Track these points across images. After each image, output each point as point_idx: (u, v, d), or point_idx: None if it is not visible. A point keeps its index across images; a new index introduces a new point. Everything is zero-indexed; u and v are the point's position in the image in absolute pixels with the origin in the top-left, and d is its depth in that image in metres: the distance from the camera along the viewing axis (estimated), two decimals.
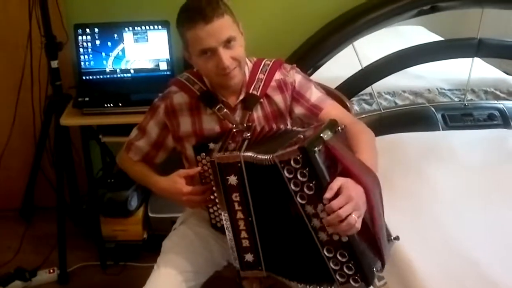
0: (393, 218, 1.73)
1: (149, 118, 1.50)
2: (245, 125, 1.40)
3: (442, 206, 1.79)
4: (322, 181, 1.11)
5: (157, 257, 1.48)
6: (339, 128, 1.23)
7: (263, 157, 1.18)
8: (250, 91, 1.42)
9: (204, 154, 1.32)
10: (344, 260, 1.16)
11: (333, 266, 1.18)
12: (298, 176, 1.13)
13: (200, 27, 1.27)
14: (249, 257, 1.32)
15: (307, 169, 1.12)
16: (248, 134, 1.31)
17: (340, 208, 1.08)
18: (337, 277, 1.18)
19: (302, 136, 1.21)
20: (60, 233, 2.24)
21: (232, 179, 1.24)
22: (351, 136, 1.34)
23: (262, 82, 1.43)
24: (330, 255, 1.17)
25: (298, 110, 1.46)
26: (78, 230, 2.52)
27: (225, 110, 1.42)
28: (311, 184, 1.12)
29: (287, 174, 1.14)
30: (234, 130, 1.36)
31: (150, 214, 2.37)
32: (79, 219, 2.55)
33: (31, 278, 2.20)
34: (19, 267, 2.21)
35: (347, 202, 1.09)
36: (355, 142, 1.32)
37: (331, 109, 1.45)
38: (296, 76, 1.48)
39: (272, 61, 1.48)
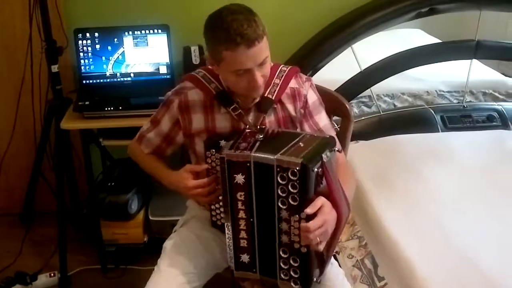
0: (392, 219, 1.75)
1: (163, 111, 1.50)
2: (258, 127, 1.41)
3: (441, 207, 1.80)
4: (307, 196, 1.19)
5: (158, 260, 1.48)
6: (335, 149, 1.29)
7: (267, 156, 1.21)
8: (266, 94, 1.43)
9: (214, 150, 1.34)
10: (294, 264, 1.26)
11: (281, 265, 1.28)
12: (289, 185, 1.19)
13: (241, 51, 1.25)
14: (245, 257, 1.34)
15: (299, 183, 1.18)
16: (261, 136, 1.32)
17: (314, 230, 1.17)
18: (281, 274, 1.29)
19: (302, 145, 1.25)
20: (60, 237, 2.24)
21: (239, 178, 1.26)
22: (339, 167, 1.39)
23: (278, 87, 1.44)
24: (284, 256, 1.27)
25: (305, 127, 1.49)
26: (78, 234, 2.52)
27: (239, 110, 1.42)
28: (296, 196, 1.19)
29: (279, 179, 1.20)
30: (247, 131, 1.37)
31: (150, 217, 2.37)
32: (79, 223, 2.55)
33: (31, 282, 2.19)
34: (20, 271, 2.20)
35: (321, 225, 1.18)
36: (341, 173, 1.37)
37: None
38: (310, 93, 1.49)
39: (289, 68, 1.49)
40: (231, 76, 1.33)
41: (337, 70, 2.45)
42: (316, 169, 1.18)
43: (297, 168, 1.17)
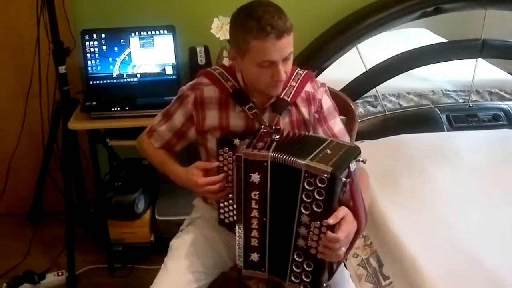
0: (397, 218, 1.75)
1: (177, 106, 1.50)
2: (273, 127, 1.41)
3: (447, 206, 1.80)
4: (332, 205, 1.19)
5: (164, 258, 1.49)
6: (361, 159, 1.29)
7: (296, 160, 1.21)
8: (282, 96, 1.44)
9: (227, 148, 1.34)
10: (308, 269, 1.28)
11: (294, 268, 1.29)
12: (315, 192, 1.19)
13: (270, 41, 1.26)
14: (254, 257, 1.34)
15: (326, 190, 1.18)
16: (278, 136, 1.33)
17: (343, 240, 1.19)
18: (291, 277, 1.30)
19: (329, 152, 1.25)
20: (68, 237, 2.26)
21: (255, 177, 1.27)
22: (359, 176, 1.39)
23: (294, 90, 1.45)
24: (298, 259, 1.28)
25: (319, 131, 1.49)
26: (86, 233, 2.54)
27: (255, 110, 1.42)
28: (321, 203, 1.20)
29: (305, 185, 1.20)
30: (263, 131, 1.38)
31: (157, 217, 2.39)
32: (87, 223, 2.57)
33: (40, 281, 2.21)
34: (28, 270, 2.22)
35: (345, 237, 1.20)
36: (360, 180, 1.37)
37: None
38: (324, 98, 1.50)
39: (304, 72, 1.50)
40: (254, 69, 1.33)
41: (342, 70, 2.44)
42: (344, 179, 1.18)
43: (326, 176, 1.17)
